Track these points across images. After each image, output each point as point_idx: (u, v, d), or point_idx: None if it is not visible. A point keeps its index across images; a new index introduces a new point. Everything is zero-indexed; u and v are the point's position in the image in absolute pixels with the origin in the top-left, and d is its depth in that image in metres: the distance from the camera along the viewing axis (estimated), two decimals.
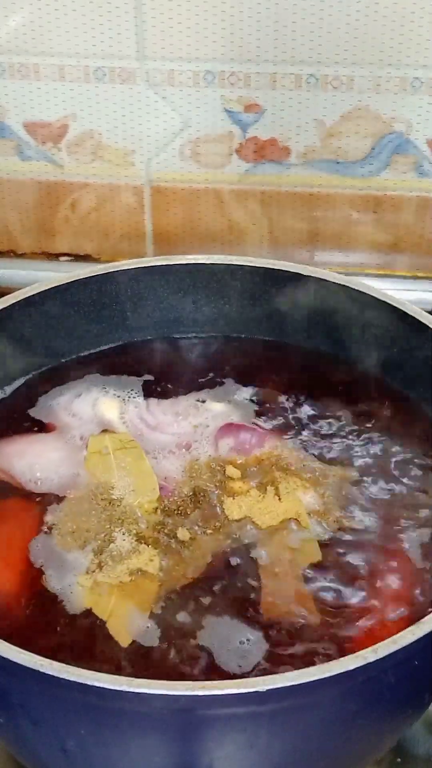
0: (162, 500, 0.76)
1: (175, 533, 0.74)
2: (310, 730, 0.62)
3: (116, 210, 1.17)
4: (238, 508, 0.74)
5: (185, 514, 0.75)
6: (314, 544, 0.72)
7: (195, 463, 0.79)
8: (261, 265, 0.91)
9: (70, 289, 0.90)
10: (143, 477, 0.78)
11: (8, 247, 1.21)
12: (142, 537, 0.73)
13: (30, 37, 1.08)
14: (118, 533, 0.73)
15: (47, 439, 0.83)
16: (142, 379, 0.89)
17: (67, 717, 0.61)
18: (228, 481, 0.77)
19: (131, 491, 0.77)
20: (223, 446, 0.80)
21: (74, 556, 0.73)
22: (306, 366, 0.90)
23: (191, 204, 1.16)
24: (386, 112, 1.08)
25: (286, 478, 0.76)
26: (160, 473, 0.79)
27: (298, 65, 1.07)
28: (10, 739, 0.69)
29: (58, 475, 0.79)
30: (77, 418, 0.84)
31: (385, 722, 0.66)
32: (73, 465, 0.80)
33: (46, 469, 0.80)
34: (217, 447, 0.80)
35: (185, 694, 0.57)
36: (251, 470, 0.78)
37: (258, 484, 0.76)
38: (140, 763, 0.63)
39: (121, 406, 0.85)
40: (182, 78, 1.09)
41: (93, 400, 0.86)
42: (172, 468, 0.79)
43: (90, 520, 0.75)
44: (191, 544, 0.73)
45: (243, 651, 0.66)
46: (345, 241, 1.16)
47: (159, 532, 0.74)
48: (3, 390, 0.88)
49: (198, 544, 0.73)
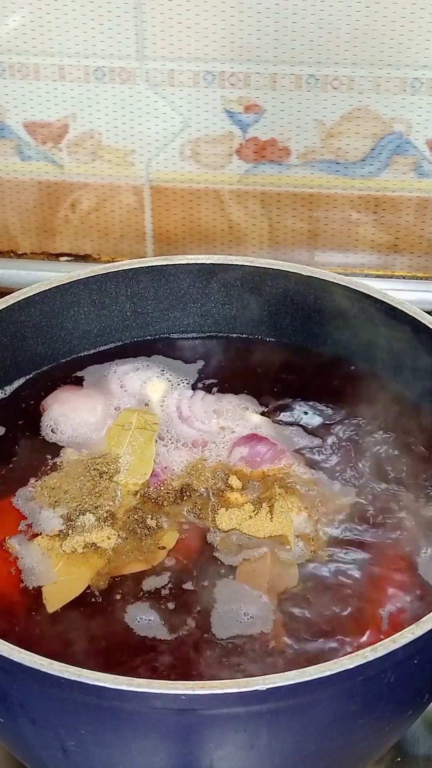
0: (147, 486, 0.78)
1: (144, 520, 0.75)
2: (310, 730, 0.62)
3: (116, 210, 1.17)
4: (228, 520, 0.74)
5: (161, 505, 0.76)
6: (294, 569, 0.72)
7: (200, 463, 0.79)
8: (261, 265, 0.91)
9: (70, 289, 0.90)
10: (142, 460, 0.79)
11: (8, 247, 1.21)
12: (111, 514, 0.75)
13: (30, 37, 1.08)
14: (91, 506, 0.75)
15: (90, 400, 0.85)
16: (203, 371, 0.89)
17: (67, 717, 0.61)
18: (227, 490, 0.77)
19: (126, 470, 0.78)
20: (235, 453, 0.80)
21: (46, 514, 0.75)
22: (336, 379, 0.89)
23: (191, 204, 1.16)
24: (386, 112, 1.08)
25: (285, 497, 0.75)
26: (162, 462, 0.80)
27: (298, 65, 1.07)
28: (10, 739, 0.69)
29: (76, 433, 0.83)
30: (124, 389, 0.87)
31: (385, 721, 0.66)
32: (95, 430, 0.83)
33: (70, 424, 0.83)
34: (231, 453, 0.80)
35: (185, 693, 0.57)
36: (253, 484, 0.77)
37: (255, 500, 0.76)
38: (140, 763, 0.63)
39: (167, 390, 0.87)
40: (182, 78, 1.09)
41: (145, 378, 0.88)
42: (176, 460, 0.80)
43: (73, 484, 0.77)
44: (155, 534, 0.74)
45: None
46: (345, 242, 1.16)
47: (129, 515, 0.75)
48: (3, 390, 0.88)
49: (161, 536, 0.74)
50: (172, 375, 0.89)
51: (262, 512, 0.74)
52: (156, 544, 0.74)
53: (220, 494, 0.77)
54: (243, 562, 0.72)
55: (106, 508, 0.75)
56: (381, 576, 0.71)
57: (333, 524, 0.75)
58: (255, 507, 0.75)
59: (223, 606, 0.69)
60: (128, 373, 0.88)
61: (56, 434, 0.83)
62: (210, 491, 0.77)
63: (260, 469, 0.78)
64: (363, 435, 0.82)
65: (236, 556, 0.73)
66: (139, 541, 0.74)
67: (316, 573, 0.71)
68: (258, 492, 0.77)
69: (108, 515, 0.75)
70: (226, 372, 0.90)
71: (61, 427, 0.83)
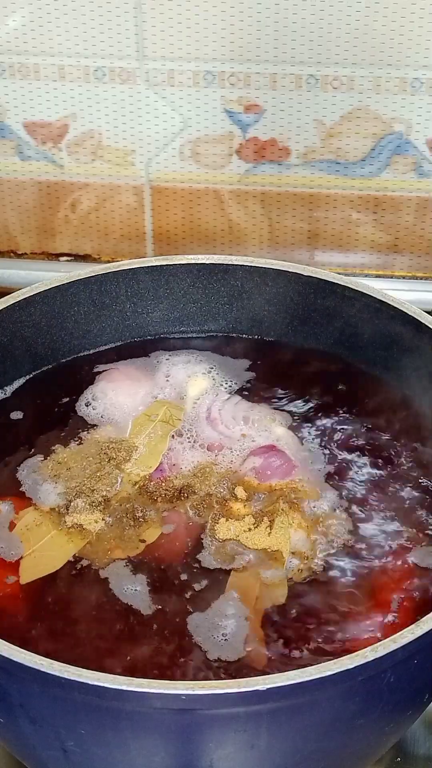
0: (149, 479, 0.78)
1: (133, 511, 0.75)
2: (310, 729, 0.62)
3: (116, 210, 1.17)
4: (226, 530, 0.74)
5: (154, 500, 0.76)
6: (284, 587, 0.70)
7: (210, 467, 0.79)
8: (261, 265, 0.91)
9: (70, 289, 0.90)
10: (152, 452, 0.80)
11: (8, 247, 1.21)
12: (105, 500, 0.76)
13: (30, 37, 1.08)
14: (88, 488, 0.76)
15: (134, 384, 0.86)
16: (251, 374, 0.89)
17: (67, 717, 0.61)
18: (232, 500, 0.76)
19: (135, 459, 0.79)
20: (248, 463, 0.79)
21: (45, 487, 0.77)
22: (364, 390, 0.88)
23: (191, 204, 1.16)
24: (386, 112, 1.08)
25: (287, 513, 0.74)
26: (173, 458, 0.80)
27: (298, 65, 1.07)
28: (10, 739, 0.69)
29: (108, 414, 0.84)
30: (168, 380, 0.87)
31: (385, 721, 0.66)
32: (126, 414, 0.84)
33: (107, 404, 0.85)
34: (244, 462, 0.79)
35: (185, 693, 0.57)
36: (258, 496, 0.76)
37: (257, 512, 0.75)
38: (140, 762, 0.63)
39: (207, 389, 0.87)
40: (182, 78, 1.09)
41: (191, 372, 0.88)
42: (187, 459, 0.80)
43: (80, 463, 0.78)
44: (139, 526, 0.74)
45: None
46: (345, 242, 1.16)
47: (121, 503, 0.76)
48: (3, 390, 0.88)
49: (144, 530, 0.74)
50: (219, 374, 0.88)
51: (262, 526, 0.73)
52: (138, 536, 0.74)
53: (223, 503, 0.76)
54: (233, 572, 0.71)
55: (102, 493, 0.76)
56: (369, 605, 0.70)
57: (330, 546, 0.73)
58: (256, 520, 0.74)
59: (203, 613, 0.69)
60: (177, 364, 0.89)
61: (88, 409, 0.84)
62: (213, 497, 0.76)
63: (269, 482, 0.77)
64: (381, 457, 0.81)
65: (227, 564, 0.72)
66: (122, 530, 0.74)
67: (304, 592, 0.70)
68: (262, 504, 0.76)
69: (102, 500, 0.75)
70: (270, 380, 0.89)
71: (95, 403, 0.85)
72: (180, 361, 0.89)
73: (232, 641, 0.67)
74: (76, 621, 0.69)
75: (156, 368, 0.89)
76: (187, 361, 0.89)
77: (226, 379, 0.88)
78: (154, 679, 0.57)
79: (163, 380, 0.87)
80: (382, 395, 0.86)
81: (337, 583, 0.71)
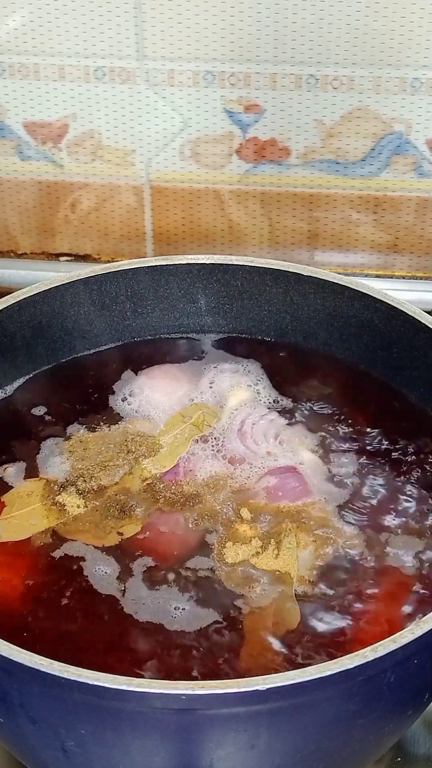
0: (158, 480, 0.78)
1: (122, 504, 0.75)
2: (310, 730, 0.62)
3: (116, 210, 1.17)
4: (234, 555, 0.72)
5: (156, 501, 0.76)
6: (297, 612, 0.69)
7: (224, 479, 0.78)
8: (261, 265, 0.91)
9: (70, 289, 0.90)
10: (171, 453, 0.80)
11: (8, 247, 1.21)
12: (101, 488, 0.77)
13: (30, 37, 1.08)
14: (89, 474, 0.77)
15: (174, 384, 0.86)
16: (299, 391, 0.87)
17: (67, 717, 0.61)
18: (237, 521, 0.74)
19: (153, 456, 0.79)
20: (263, 481, 0.77)
21: (55, 460, 0.80)
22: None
23: (191, 204, 1.16)
24: (386, 112, 1.08)
25: (294, 532, 0.73)
26: (190, 464, 0.79)
27: (298, 65, 1.07)
28: (10, 739, 0.69)
29: (141, 410, 0.84)
30: (210, 386, 0.87)
31: (385, 721, 0.66)
32: (162, 412, 0.84)
33: (143, 400, 0.85)
34: (259, 480, 0.78)
35: (185, 693, 0.57)
36: (264, 517, 0.75)
37: (264, 534, 0.73)
38: (140, 762, 0.63)
39: (247, 401, 0.86)
40: (182, 78, 1.09)
41: (235, 383, 0.87)
42: (205, 468, 0.79)
43: (98, 448, 0.80)
44: (122, 519, 0.75)
45: None
46: (345, 242, 1.16)
47: (119, 494, 0.76)
48: (4, 390, 0.88)
49: (125, 523, 0.74)
50: (264, 388, 0.87)
51: (269, 548, 0.72)
52: (116, 527, 0.74)
53: (228, 524, 0.74)
54: (249, 612, 0.69)
55: (100, 482, 0.77)
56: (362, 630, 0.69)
57: (331, 570, 0.72)
58: (263, 542, 0.73)
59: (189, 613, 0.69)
60: (224, 372, 0.88)
61: (124, 403, 0.85)
62: (218, 515, 0.75)
63: (277, 503, 0.76)
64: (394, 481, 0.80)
65: (242, 590, 0.71)
66: (102, 518, 0.75)
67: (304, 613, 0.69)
68: (268, 526, 0.74)
69: (97, 488, 0.76)
70: (312, 398, 0.87)
71: (132, 398, 0.85)
72: (228, 369, 0.89)
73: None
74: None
75: (202, 372, 0.88)
76: (235, 371, 0.89)
77: (270, 394, 0.87)
78: (154, 679, 0.57)
79: (206, 386, 0.87)
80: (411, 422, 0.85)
81: (342, 603, 0.70)
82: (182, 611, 0.69)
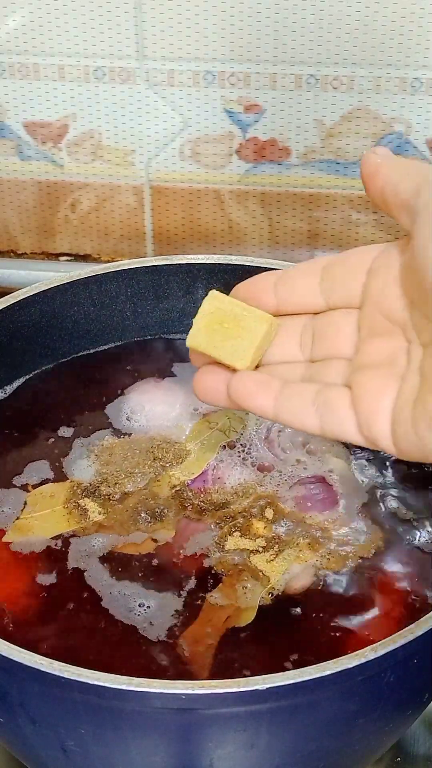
0: (186, 488, 0.76)
1: (152, 510, 0.75)
2: (310, 729, 0.62)
3: (116, 210, 1.17)
4: (233, 545, 0.72)
5: (184, 508, 0.75)
6: (252, 614, 0.68)
7: (253, 487, 0.76)
8: (261, 265, 0.91)
9: (70, 289, 0.90)
10: (198, 460, 0.78)
11: (8, 247, 1.21)
12: (123, 494, 0.76)
13: (30, 37, 1.08)
14: (113, 481, 0.77)
15: (168, 394, 0.85)
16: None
17: (67, 716, 0.61)
18: (256, 518, 0.74)
19: (181, 463, 0.78)
20: (292, 491, 0.76)
21: (82, 463, 0.79)
22: None
23: (191, 204, 1.16)
24: (386, 112, 1.08)
25: (301, 548, 0.72)
26: (218, 471, 0.78)
27: (298, 65, 1.07)
28: (10, 739, 0.69)
29: (150, 424, 0.83)
30: None
31: (385, 721, 0.66)
32: (173, 422, 0.83)
33: (143, 413, 0.84)
34: (289, 489, 0.76)
35: (185, 693, 0.57)
36: (285, 522, 0.74)
37: (273, 537, 0.73)
38: (140, 762, 0.63)
39: None
40: (182, 78, 1.09)
41: None
42: (233, 476, 0.78)
43: (124, 455, 0.79)
44: (151, 525, 0.74)
45: None
46: (345, 242, 1.16)
47: (146, 498, 0.75)
48: (3, 390, 0.88)
49: (157, 529, 0.74)
50: None
51: (268, 553, 0.71)
52: (148, 531, 0.74)
53: (248, 518, 0.74)
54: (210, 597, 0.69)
55: (124, 489, 0.76)
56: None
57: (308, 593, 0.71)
58: (267, 544, 0.72)
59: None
60: None
61: (130, 422, 0.84)
62: (244, 513, 0.74)
63: (305, 514, 0.74)
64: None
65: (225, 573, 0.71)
66: (132, 523, 0.74)
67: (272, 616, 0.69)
68: (284, 531, 0.73)
69: (120, 495, 0.76)
70: None
71: (136, 416, 0.84)
72: None
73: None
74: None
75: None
76: None
77: None
78: (154, 679, 0.57)
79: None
80: None
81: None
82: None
